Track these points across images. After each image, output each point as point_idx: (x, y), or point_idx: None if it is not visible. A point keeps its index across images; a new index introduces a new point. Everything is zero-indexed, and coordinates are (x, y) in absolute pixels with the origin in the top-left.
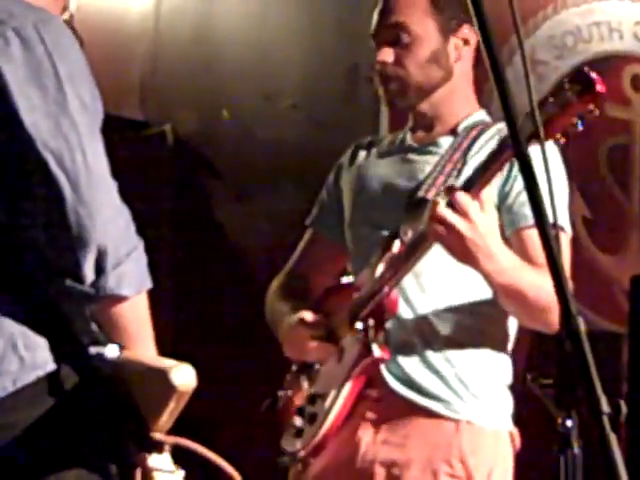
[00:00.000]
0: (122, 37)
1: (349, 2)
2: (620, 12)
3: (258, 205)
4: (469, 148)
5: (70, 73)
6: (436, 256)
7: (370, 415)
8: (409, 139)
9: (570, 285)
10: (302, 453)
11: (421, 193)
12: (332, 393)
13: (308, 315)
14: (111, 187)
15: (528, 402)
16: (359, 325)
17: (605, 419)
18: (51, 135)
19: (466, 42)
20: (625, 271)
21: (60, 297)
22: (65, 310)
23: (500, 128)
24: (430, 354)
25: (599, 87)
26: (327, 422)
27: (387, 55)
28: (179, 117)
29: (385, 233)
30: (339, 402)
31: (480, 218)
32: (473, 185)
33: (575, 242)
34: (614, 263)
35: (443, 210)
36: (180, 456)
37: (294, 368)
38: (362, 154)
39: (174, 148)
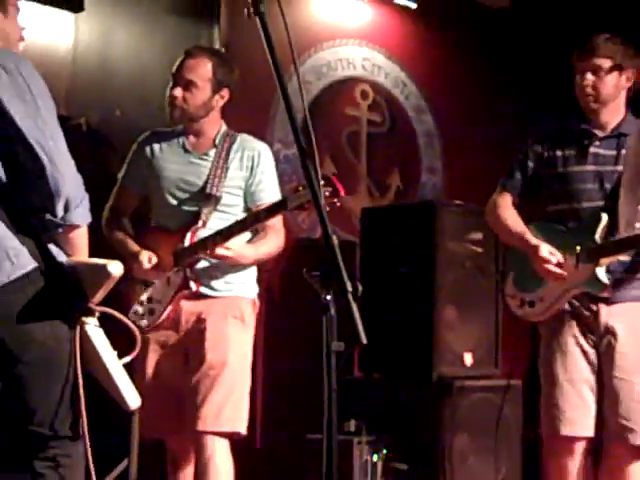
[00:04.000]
0: (50, 64)
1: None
2: (354, 52)
3: None
4: (227, 156)
5: (39, 91)
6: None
7: (188, 306)
8: (188, 145)
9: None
10: (149, 327)
11: (208, 189)
12: (165, 301)
13: (145, 252)
14: (70, 160)
15: (307, 287)
16: (182, 266)
17: (350, 295)
18: (33, 129)
19: (223, 97)
20: (357, 205)
21: (40, 226)
22: (41, 233)
23: (243, 138)
24: (219, 274)
25: (342, 192)
26: (162, 315)
27: (178, 93)
28: (90, 114)
29: (185, 208)
30: (169, 308)
31: (239, 250)
32: (232, 235)
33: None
34: (351, 200)
35: (222, 252)
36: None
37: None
38: (154, 143)
39: (87, 135)
